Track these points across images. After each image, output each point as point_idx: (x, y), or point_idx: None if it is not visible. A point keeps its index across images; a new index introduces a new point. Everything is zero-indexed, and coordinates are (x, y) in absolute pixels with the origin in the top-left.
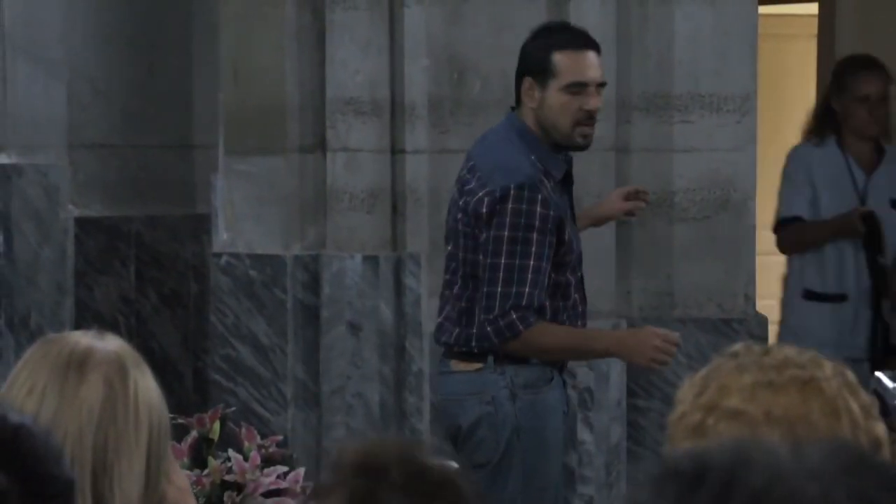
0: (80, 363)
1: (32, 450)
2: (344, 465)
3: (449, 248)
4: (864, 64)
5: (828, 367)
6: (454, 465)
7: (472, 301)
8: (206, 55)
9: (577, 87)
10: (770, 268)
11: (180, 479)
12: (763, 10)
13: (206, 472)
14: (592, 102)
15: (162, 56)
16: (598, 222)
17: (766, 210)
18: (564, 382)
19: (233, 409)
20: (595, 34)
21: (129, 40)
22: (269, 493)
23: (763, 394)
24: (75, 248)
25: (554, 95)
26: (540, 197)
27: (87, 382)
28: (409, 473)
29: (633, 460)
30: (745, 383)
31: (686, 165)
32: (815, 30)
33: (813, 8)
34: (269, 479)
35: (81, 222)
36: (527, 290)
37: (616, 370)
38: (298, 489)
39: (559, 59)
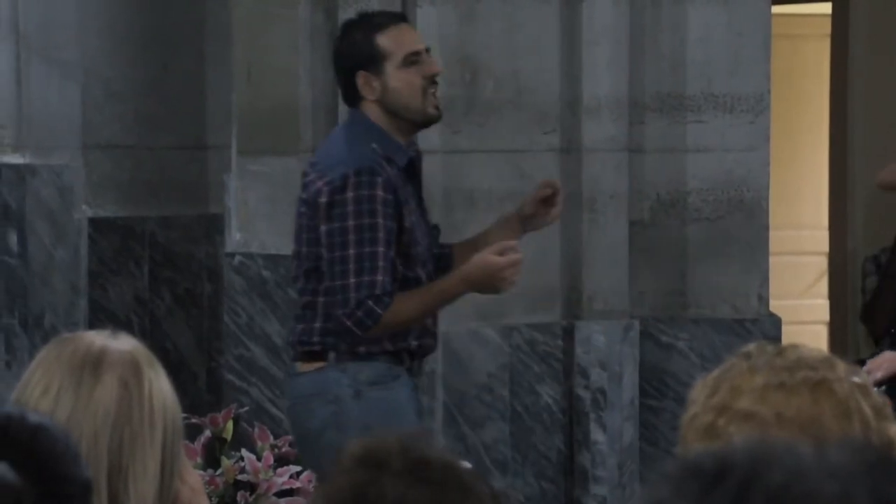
0: (94, 363)
1: (51, 451)
2: (346, 459)
3: (293, 246)
4: None
5: (840, 368)
6: (466, 464)
7: (314, 295)
8: (220, 56)
9: (413, 57)
10: (783, 268)
11: (193, 478)
12: (776, 9)
13: (219, 471)
14: (433, 66)
15: (175, 57)
16: (513, 233)
17: (779, 210)
18: (416, 386)
19: (246, 408)
20: (608, 34)
21: (142, 41)
22: (282, 493)
23: (774, 395)
24: (89, 249)
25: (394, 75)
26: (380, 180)
27: (101, 383)
28: (410, 461)
29: (646, 461)
30: (757, 385)
31: (699, 166)
32: (828, 29)
33: (826, 7)
34: (282, 478)
35: (95, 223)
36: (379, 278)
37: (629, 370)
38: (311, 488)
39: (383, 40)
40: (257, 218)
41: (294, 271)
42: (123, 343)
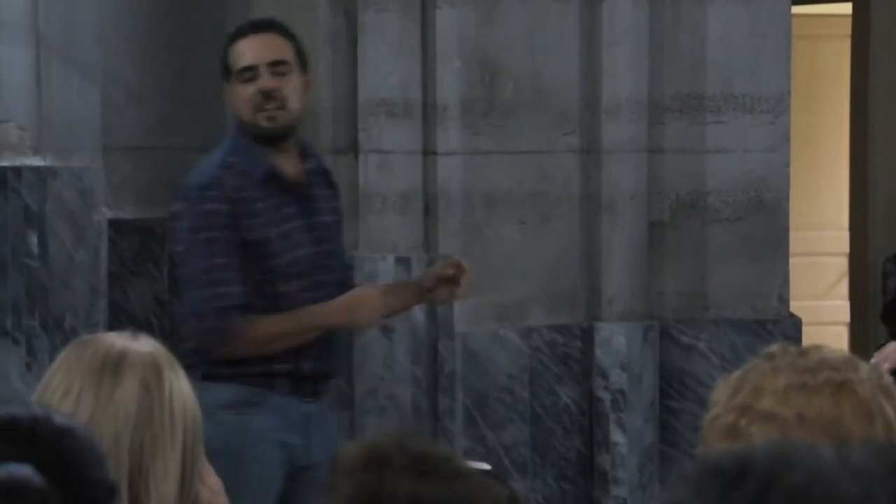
0: (115, 365)
1: (77, 454)
2: (347, 462)
3: None
4: None
5: (863, 370)
6: (486, 466)
7: (182, 314)
8: None
9: (248, 73)
10: (804, 269)
11: (213, 480)
12: (796, 10)
13: None
14: (262, 82)
15: (196, 59)
16: (410, 299)
17: (799, 211)
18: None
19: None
20: (628, 35)
21: (163, 44)
22: None
23: (796, 396)
24: (109, 250)
25: (234, 88)
26: (212, 194)
27: (122, 384)
28: (412, 457)
29: (666, 462)
30: (779, 385)
31: (719, 166)
32: (848, 30)
33: (847, 8)
34: None
35: (115, 224)
36: (224, 289)
37: (649, 372)
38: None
39: (231, 52)
40: None
41: None
42: (144, 345)
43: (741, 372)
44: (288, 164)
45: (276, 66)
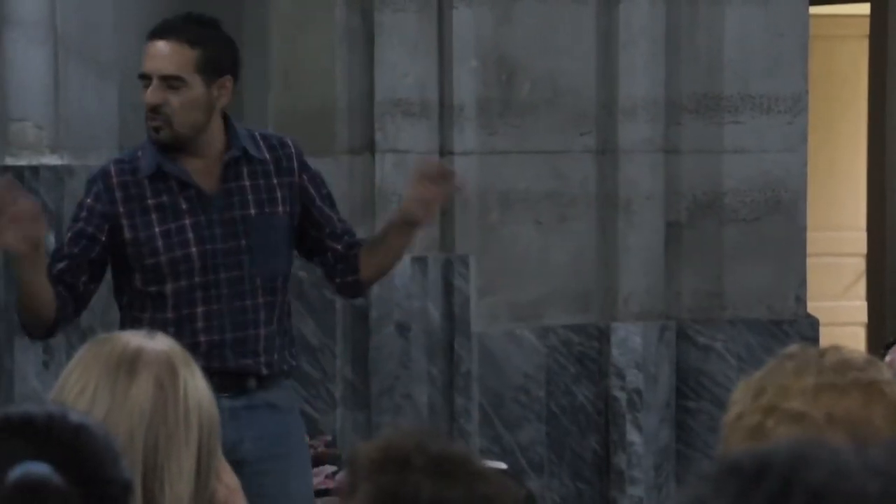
0: (130, 363)
1: (93, 451)
2: (364, 463)
3: None
4: None
5: (885, 370)
6: (502, 465)
7: None
8: (257, 58)
9: (144, 80)
10: (820, 269)
11: (230, 478)
12: (814, 10)
13: None
14: (149, 95)
15: None
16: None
17: (817, 211)
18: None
19: None
20: (645, 35)
21: None
22: (318, 493)
23: (825, 396)
24: None
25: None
26: (94, 189)
27: (137, 383)
28: (431, 458)
29: (682, 462)
30: (807, 385)
31: (736, 166)
32: (866, 30)
33: (865, 8)
34: (318, 478)
35: None
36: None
37: (665, 371)
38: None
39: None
40: None
41: None
42: (159, 343)
43: (762, 372)
44: (194, 163)
45: (166, 79)
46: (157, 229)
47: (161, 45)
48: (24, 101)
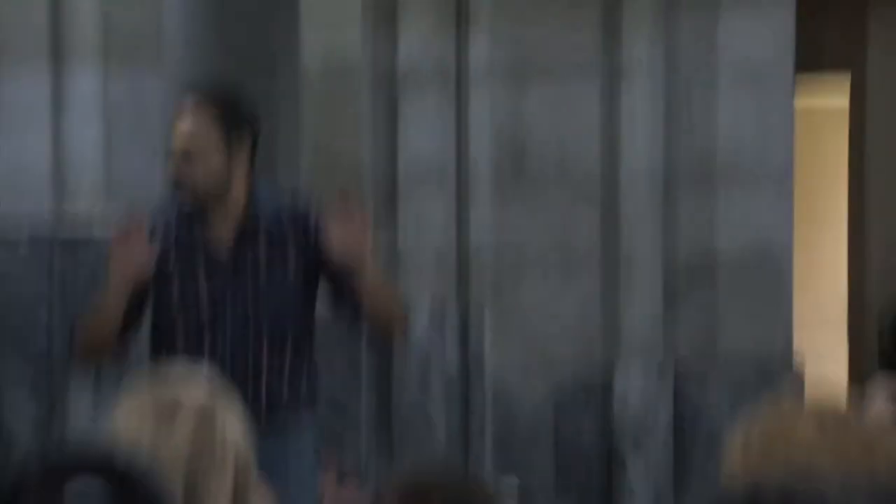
0: (170, 415)
1: (141, 486)
2: (390, 496)
3: None
4: None
5: (874, 407)
6: (515, 479)
7: None
8: (290, 130)
9: (171, 155)
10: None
11: (266, 502)
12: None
13: None
14: (172, 170)
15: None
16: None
17: (800, 271)
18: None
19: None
20: (646, 116)
21: None
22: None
23: (831, 438)
24: None
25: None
26: (149, 229)
27: (177, 429)
28: (452, 493)
29: (679, 494)
30: (815, 426)
31: (729, 229)
32: (847, 101)
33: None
34: (345, 494)
35: None
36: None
37: (664, 409)
38: None
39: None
40: None
41: None
42: (196, 388)
43: (769, 416)
44: (218, 227)
45: (186, 154)
46: (173, 290)
47: (186, 122)
48: (77, 177)
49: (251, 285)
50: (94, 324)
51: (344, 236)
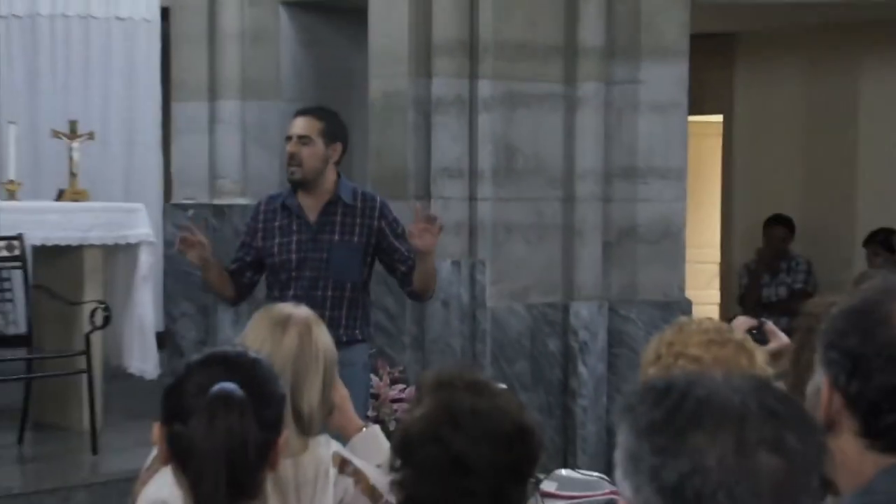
0: (283, 324)
1: (262, 376)
2: (427, 384)
3: None
4: None
5: (738, 332)
6: (504, 385)
7: None
8: (362, 141)
9: (287, 140)
10: (692, 272)
11: (342, 391)
12: (691, 118)
13: None
14: (289, 147)
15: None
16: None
17: (690, 236)
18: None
19: (374, 350)
20: (591, 130)
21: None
22: (394, 400)
23: (713, 347)
24: None
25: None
26: (252, 214)
27: (287, 336)
28: (467, 382)
29: (611, 385)
30: (701, 340)
31: (646, 210)
32: (720, 130)
33: (719, 118)
34: (394, 391)
35: None
36: (231, 264)
37: (601, 332)
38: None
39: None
40: None
41: None
42: (301, 311)
43: (670, 332)
44: (308, 200)
45: (300, 138)
46: (275, 241)
47: (299, 119)
48: (226, 166)
49: (326, 242)
50: (211, 288)
51: (423, 233)
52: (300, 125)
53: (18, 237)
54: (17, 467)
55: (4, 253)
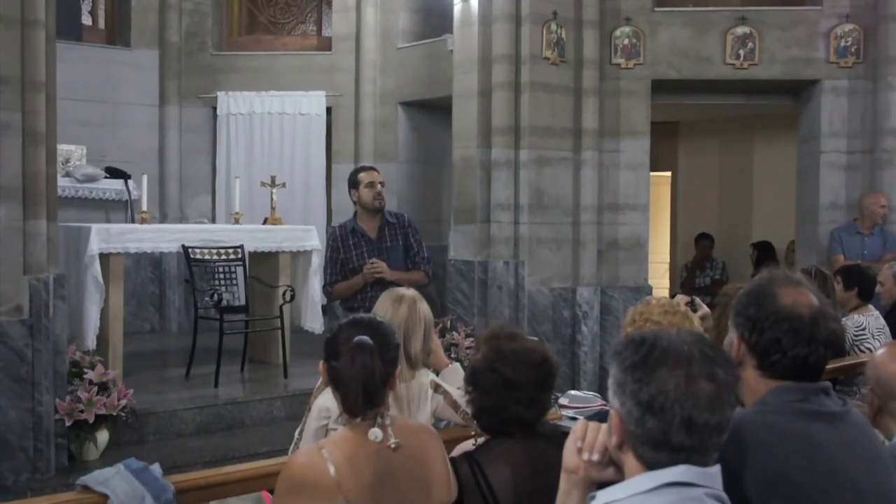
0: (399, 299)
1: (386, 331)
2: (483, 337)
3: None
4: None
5: (681, 304)
6: (535, 338)
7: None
8: (447, 185)
9: (371, 185)
10: (652, 267)
11: (437, 342)
12: (652, 173)
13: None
14: (378, 189)
15: (432, 188)
16: None
17: (652, 246)
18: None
19: (454, 317)
20: (590, 179)
21: (421, 188)
22: (467, 348)
23: (668, 316)
24: None
25: (361, 191)
26: (333, 236)
27: (401, 307)
28: (508, 334)
29: (603, 338)
30: (660, 311)
31: (624, 231)
32: (670, 179)
33: (668, 174)
34: (467, 342)
35: None
36: (328, 276)
37: (595, 306)
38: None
39: (359, 177)
40: (459, 245)
41: None
42: (410, 292)
43: (641, 306)
44: (371, 224)
45: (381, 185)
46: (352, 254)
47: (373, 172)
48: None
49: (384, 251)
50: (342, 294)
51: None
52: (381, 176)
53: (240, 246)
54: (240, 385)
55: (232, 256)
